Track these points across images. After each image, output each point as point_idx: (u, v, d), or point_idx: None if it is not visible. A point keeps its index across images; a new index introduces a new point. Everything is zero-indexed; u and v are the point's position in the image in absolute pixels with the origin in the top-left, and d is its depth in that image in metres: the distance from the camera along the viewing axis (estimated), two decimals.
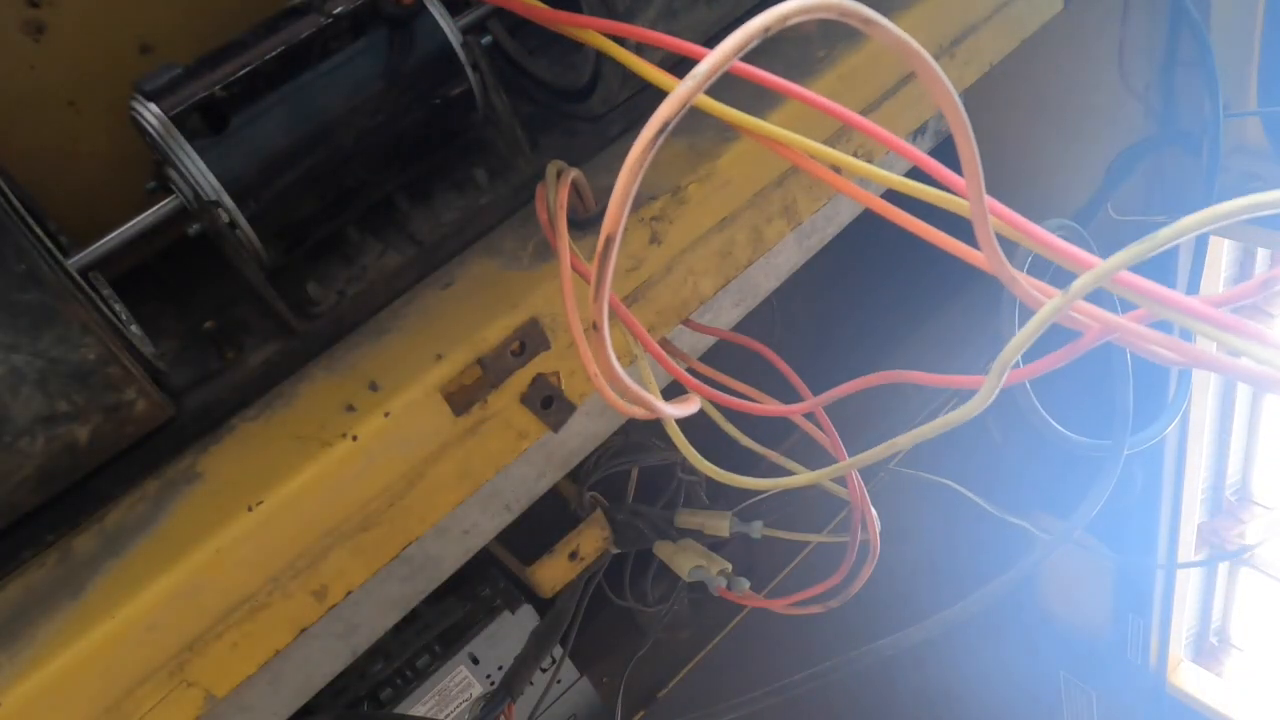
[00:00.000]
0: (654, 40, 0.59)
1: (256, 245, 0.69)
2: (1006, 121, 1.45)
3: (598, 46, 0.65)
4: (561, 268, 0.62)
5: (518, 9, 0.67)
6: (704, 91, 0.36)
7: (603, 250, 0.39)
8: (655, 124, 0.36)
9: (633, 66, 0.63)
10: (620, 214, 0.38)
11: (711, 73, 0.35)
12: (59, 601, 0.60)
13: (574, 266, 0.63)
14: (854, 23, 0.36)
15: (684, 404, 0.56)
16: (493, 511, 0.86)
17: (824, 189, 0.82)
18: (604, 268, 0.40)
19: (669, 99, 0.35)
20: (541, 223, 0.65)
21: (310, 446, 0.64)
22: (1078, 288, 0.41)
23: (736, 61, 0.36)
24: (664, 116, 0.36)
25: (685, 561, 1.07)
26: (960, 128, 0.39)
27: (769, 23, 0.35)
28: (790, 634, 1.37)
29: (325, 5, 0.70)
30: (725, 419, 0.87)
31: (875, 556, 0.90)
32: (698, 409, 0.58)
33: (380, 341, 0.71)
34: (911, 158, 0.49)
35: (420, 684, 1.12)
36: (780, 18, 0.35)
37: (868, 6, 0.36)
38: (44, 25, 0.77)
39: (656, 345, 0.62)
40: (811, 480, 0.66)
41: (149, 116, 0.65)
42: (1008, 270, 0.44)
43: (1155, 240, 0.39)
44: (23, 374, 0.57)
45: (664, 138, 0.36)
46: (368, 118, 0.72)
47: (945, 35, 0.85)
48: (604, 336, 0.45)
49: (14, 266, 0.55)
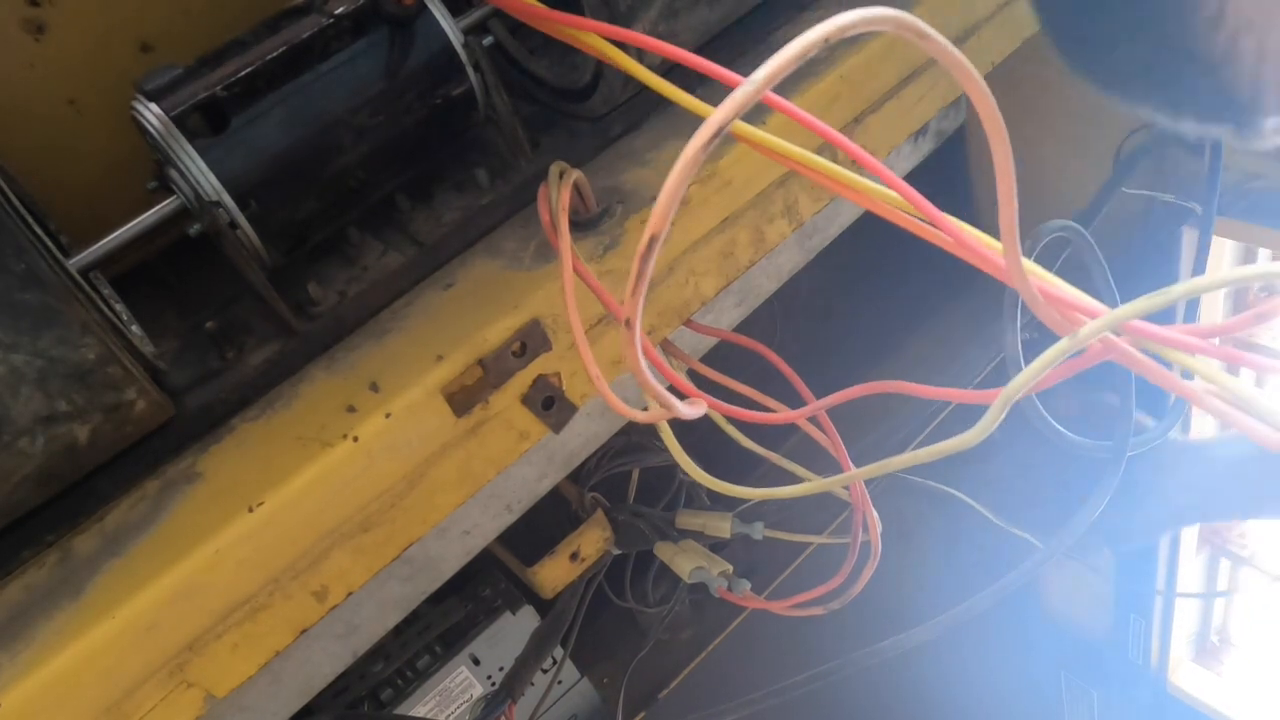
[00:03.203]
0: (651, 46, 0.59)
1: (257, 245, 0.69)
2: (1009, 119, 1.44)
3: (595, 49, 0.65)
4: (564, 270, 0.62)
5: (516, 10, 0.67)
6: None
7: (645, 250, 0.40)
8: (711, 126, 0.35)
9: (630, 70, 0.63)
10: (667, 214, 0.38)
11: (769, 80, 0.34)
12: (59, 601, 0.60)
13: (575, 268, 0.63)
14: (910, 36, 0.36)
15: (692, 406, 0.56)
16: (494, 512, 0.85)
17: (825, 192, 0.82)
18: (645, 265, 0.40)
19: (727, 102, 0.35)
20: (543, 224, 0.65)
21: (311, 447, 0.64)
22: (1086, 334, 0.43)
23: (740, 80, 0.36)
24: (720, 120, 0.35)
25: (686, 563, 1.07)
26: (1002, 153, 0.39)
27: (829, 32, 0.34)
28: (792, 635, 1.37)
29: (326, 5, 0.70)
30: (725, 421, 0.87)
31: (876, 558, 0.90)
32: (704, 412, 0.58)
33: (381, 342, 0.71)
34: (890, 182, 0.49)
35: (421, 685, 1.12)
36: (840, 29, 0.34)
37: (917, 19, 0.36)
38: (44, 24, 0.77)
39: (656, 351, 0.62)
40: (809, 490, 0.66)
41: (150, 116, 0.65)
42: (1030, 289, 0.45)
43: (1169, 295, 0.41)
44: (23, 374, 0.57)
45: (719, 140, 0.36)
46: (369, 118, 0.71)
47: (948, 33, 0.85)
48: (636, 332, 0.45)
49: (14, 266, 0.55)
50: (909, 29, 0.35)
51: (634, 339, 0.45)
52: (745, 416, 0.69)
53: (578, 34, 0.65)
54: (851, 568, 0.92)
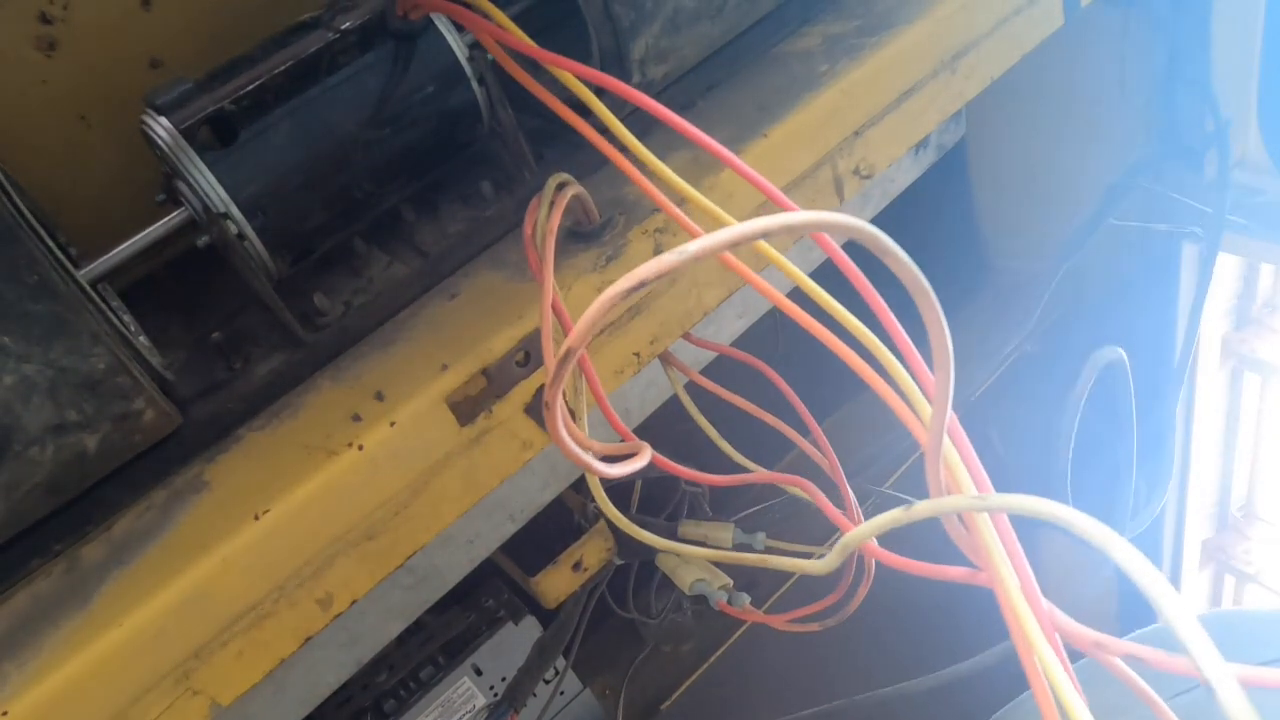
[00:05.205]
0: (634, 99, 0.60)
1: (264, 257, 0.70)
2: (1007, 136, 1.45)
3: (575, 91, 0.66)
4: (544, 291, 0.62)
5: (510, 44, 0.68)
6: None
7: (561, 359, 0.41)
8: (632, 280, 0.35)
9: (603, 118, 0.65)
10: (586, 336, 0.38)
11: (700, 255, 0.34)
12: (66, 610, 0.60)
13: (554, 306, 0.63)
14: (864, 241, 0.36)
15: (629, 461, 0.57)
16: (497, 522, 0.86)
17: (828, 200, 0.83)
18: (561, 370, 0.41)
19: (651, 264, 0.35)
20: (525, 237, 0.66)
21: (316, 456, 0.64)
22: (883, 522, 0.46)
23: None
24: (641, 276, 0.35)
25: (687, 574, 1.07)
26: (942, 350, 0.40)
27: (769, 228, 0.35)
28: (794, 646, 1.36)
29: (333, 20, 0.71)
30: (717, 436, 0.88)
31: (870, 577, 0.90)
32: (645, 463, 0.59)
33: (386, 352, 0.72)
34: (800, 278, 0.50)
35: (424, 695, 1.12)
36: (784, 226, 0.35)
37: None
38: (56, 41, 0.78)
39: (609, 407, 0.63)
40: (788, 566, 0.67)
41: (159, 130, 0.66)
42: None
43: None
44: (34, 383, 0.58)
45: (642, 292, 0.37)
46: (375, 131, 0.72)
47: (947, 50, 0.86)
48: (557, 413, 0.47)
49: (26, 278, 0.56)
50: (859, 235, 0.35)
51: (555, 418, 0.47)
52: (684, 474, 0.72)
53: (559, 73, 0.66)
54: (848, 585, 0.92)
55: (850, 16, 0.88)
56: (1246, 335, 2.01)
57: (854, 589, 0.92)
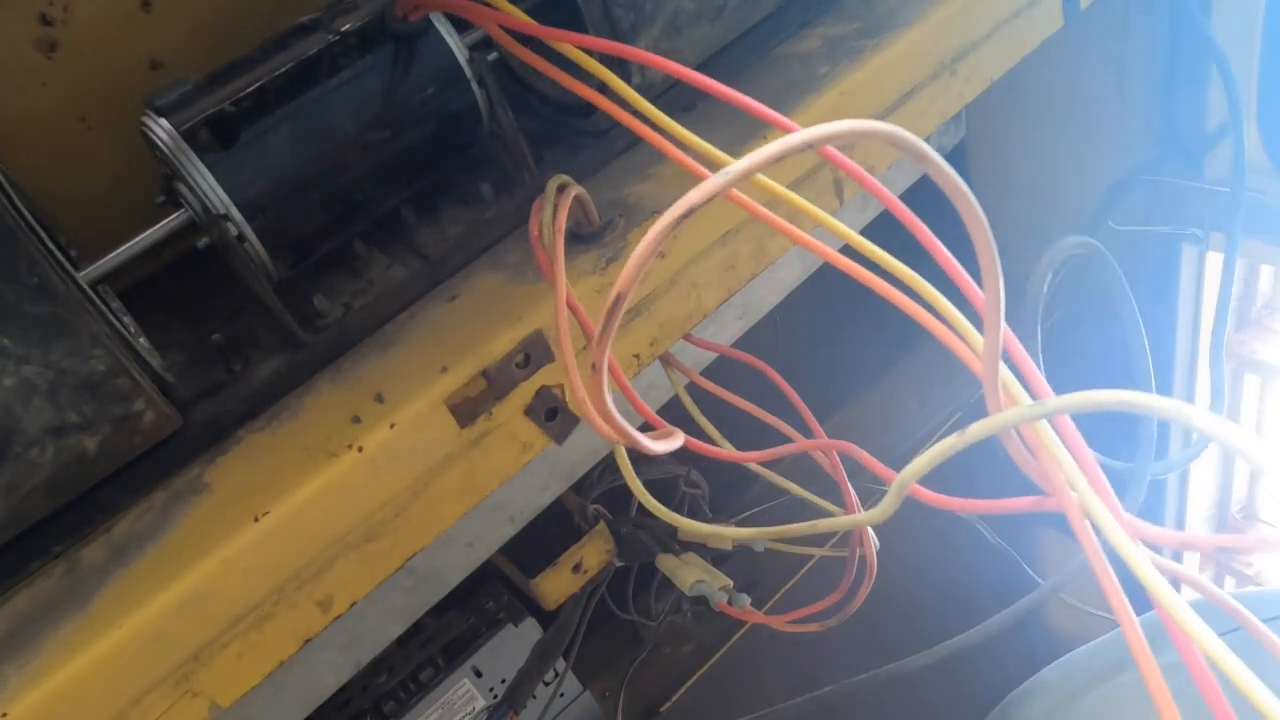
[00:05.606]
0: (651, 62, 0.60)
1: (264, 258, 0.70)
2: (1007, 138, 1.45)
3: (591, 70, 0.66)
4: (557, 295, 0.62)
5: (516, 27, 0.68)
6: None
7: (611, 307, 0.40)
8: (682, 206, 0.36)
9: (625, 95, 0.64)
10: (635, 276, 0.39)
11: (745, 174, 0.35)
12: (66, 612, 0.60)
13: (569, 303, 0.63)
14: (903, 149, 0.36)
15: (666, 439, 0.57)
16: (496, 523, 0.86)
17: (828, 202, 0.83)
18: (611, 321, 0.41)
19: (700, 189, 0.36)
20: (532, 238, 0.66)
21: (316, 457, 0.64)
22: (975, 433, 0.43)
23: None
24: (691, 203, 0.36)
25: (688, 576, 1.07)
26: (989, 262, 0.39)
27: (811, 139, 0.35)
28: (795, 647, 1.36)
29: (333, 22, 0.71)
30: (720, 436, 0.88)
31: (873, 576, 0.90)
32: (680, 445, 0.59)
33: (386, 354, 0.72)
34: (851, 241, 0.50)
35: (423, 697, 1.12)
36: (826, 136, 0.35)
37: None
38: (56, 43, 0.78)
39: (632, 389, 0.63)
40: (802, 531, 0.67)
41: (159, 131, 0.66)
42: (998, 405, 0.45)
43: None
44: (34, 385, 0.58)
45: (687, 221, 0.37)
46: (375, 133, 0.72)
47: (947, 52, 0.86)
48: (602, 379, 0.46)
49: (26, 279, 0.56)
50: (900, 142, 0.35)
51: (601, 384, 0.47)
52: (716, 455, 0.71)
53: (572, 51, 0.66)
54: (849, 585, 0.92)
55: (850, 18, 0.88)
56: (1246, 337, 2.01)
57: (855, 588, 0.92)
